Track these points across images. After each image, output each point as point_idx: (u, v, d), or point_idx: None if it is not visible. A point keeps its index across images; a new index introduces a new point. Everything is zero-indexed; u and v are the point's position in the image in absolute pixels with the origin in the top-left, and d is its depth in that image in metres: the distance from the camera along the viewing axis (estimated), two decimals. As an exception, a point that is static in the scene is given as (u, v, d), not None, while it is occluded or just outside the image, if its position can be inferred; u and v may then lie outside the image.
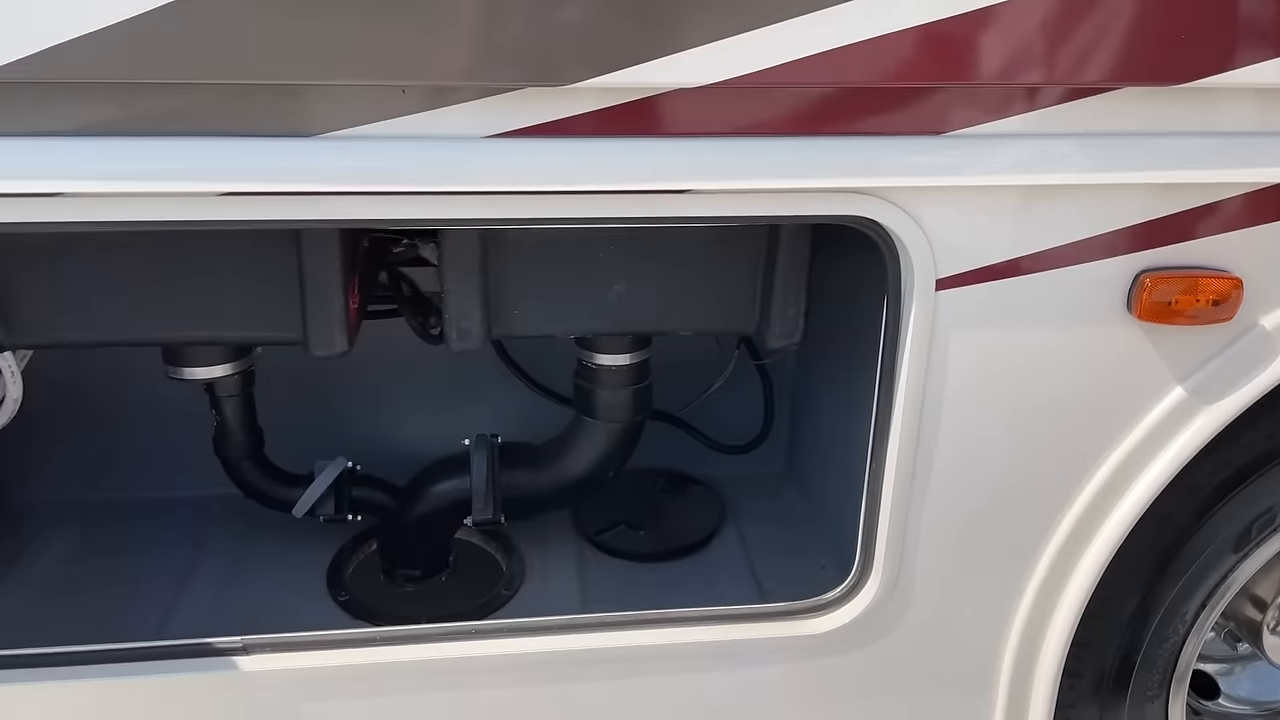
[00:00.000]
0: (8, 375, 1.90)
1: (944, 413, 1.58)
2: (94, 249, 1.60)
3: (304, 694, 1.68)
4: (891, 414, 1.59)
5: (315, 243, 1.58)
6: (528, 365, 2.35)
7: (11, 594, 2.08)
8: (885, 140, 1.43)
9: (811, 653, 1.75)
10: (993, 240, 1.48)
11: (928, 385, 1.55)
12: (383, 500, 2.10)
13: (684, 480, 2.50)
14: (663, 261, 1.71)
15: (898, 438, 1.59)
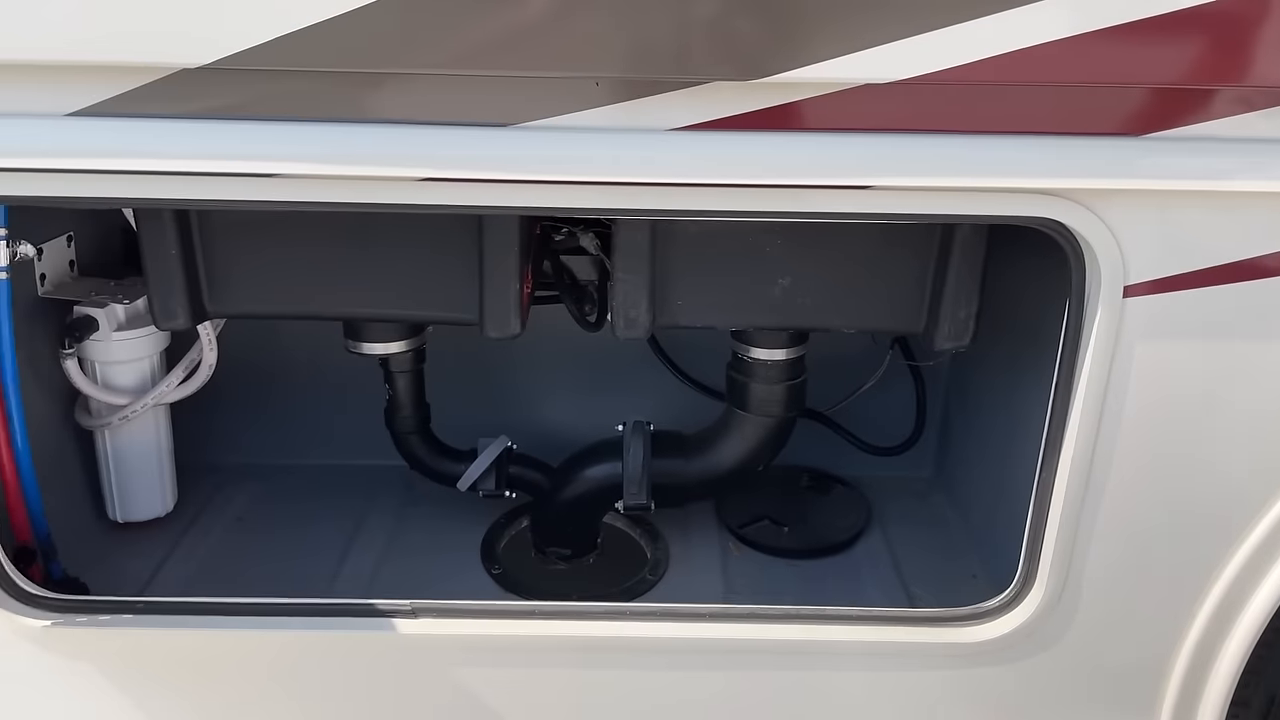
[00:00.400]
0: (206, 342, 2.05)
1: (1123, 422, 1.52)
2: (295, 228, 1.71)
3: (464, 660, 1.76)
4: (1067, 421, 1.54)
5: (496, 229, 1.65)
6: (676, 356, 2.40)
7: (195, 547, 2.23)
8: (1077, 140, 1.39)
9: (967, 661, 1.72)
10: (1187, 248, 1.43)
11: (1108, 394, 1.50)
12: (537, 480, 2.16)
13: (828, 479, 2.49)
14: (830, 257, 1.71)
15: (1072, 446, 1.54)
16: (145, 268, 1.71)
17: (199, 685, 1.77)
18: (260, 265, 1.74)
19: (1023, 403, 1.98)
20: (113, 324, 2.03)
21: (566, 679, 1.76)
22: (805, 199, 1.40)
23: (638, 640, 1.70)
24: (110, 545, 2.21)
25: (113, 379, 2.09)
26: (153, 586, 2.10)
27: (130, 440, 2.16)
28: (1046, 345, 1.82)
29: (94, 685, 1.75)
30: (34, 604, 1.72)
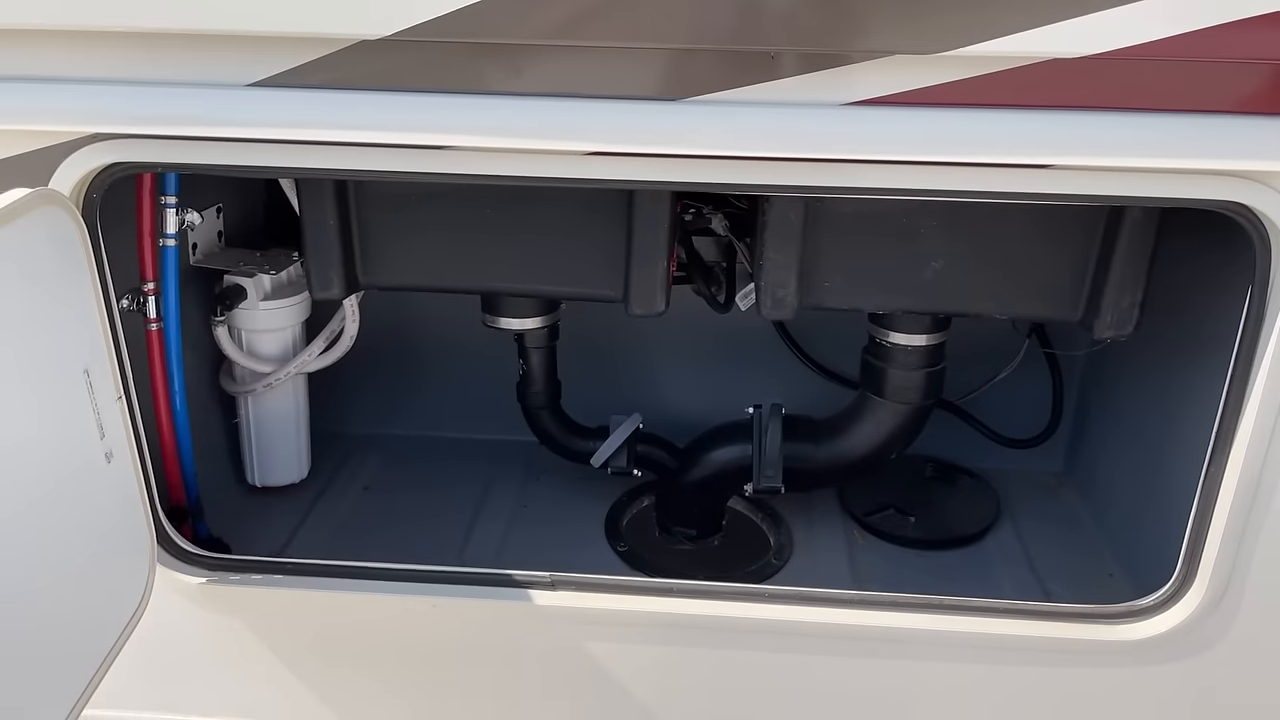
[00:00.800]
0: (349, 312, 2.09)
1: (1305, 418, 1.45)
2: (446, 202, 1.73)
3: (599, 634, 1.77)
4: (1241, 415, 1.48)
5: (648, 205, 1.65)
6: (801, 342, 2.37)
7: (328, 513, 2.30)
8: (1267, 121, 1.32)
9: (1120, 660, 1.67)
10: (1383, 234, 1.35)
11: (1291, 387, 1.43)
12: (664, 459, 2.17)
13: (953, 470, 2.44)
14: (988, 241, 1.66)
15: (1246, 441, 1.48)
16: (304, 238, 1.75)
17: (340, 645, 1.82)
18: (412, 239, 1.77)
19: (1179, 399, 1.91)
20: (260, 294, 2.09)
21: (700, 658, 1.76)
22: (982, 178, 1.36)
23: (779, 624, 1.68)
24: (248, 508, 2.28)
25: (257, 347, 2.16)
26: (290, 549, 2.17)
27: (271, 407, 2.22)
28: (1210, 338, 1.76)
29: (241, 640, 1.81)
30: (191, 562, 1.78)
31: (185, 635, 1.81)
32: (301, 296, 2.15)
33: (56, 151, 1.45)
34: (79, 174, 1.47)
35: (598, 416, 2.23)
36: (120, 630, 1.64)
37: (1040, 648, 1.68)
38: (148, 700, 1.86)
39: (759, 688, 1.77)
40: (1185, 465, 1.88)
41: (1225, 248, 1.68)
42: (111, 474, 1.63)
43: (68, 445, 1.52)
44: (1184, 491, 1.89)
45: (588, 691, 1.80)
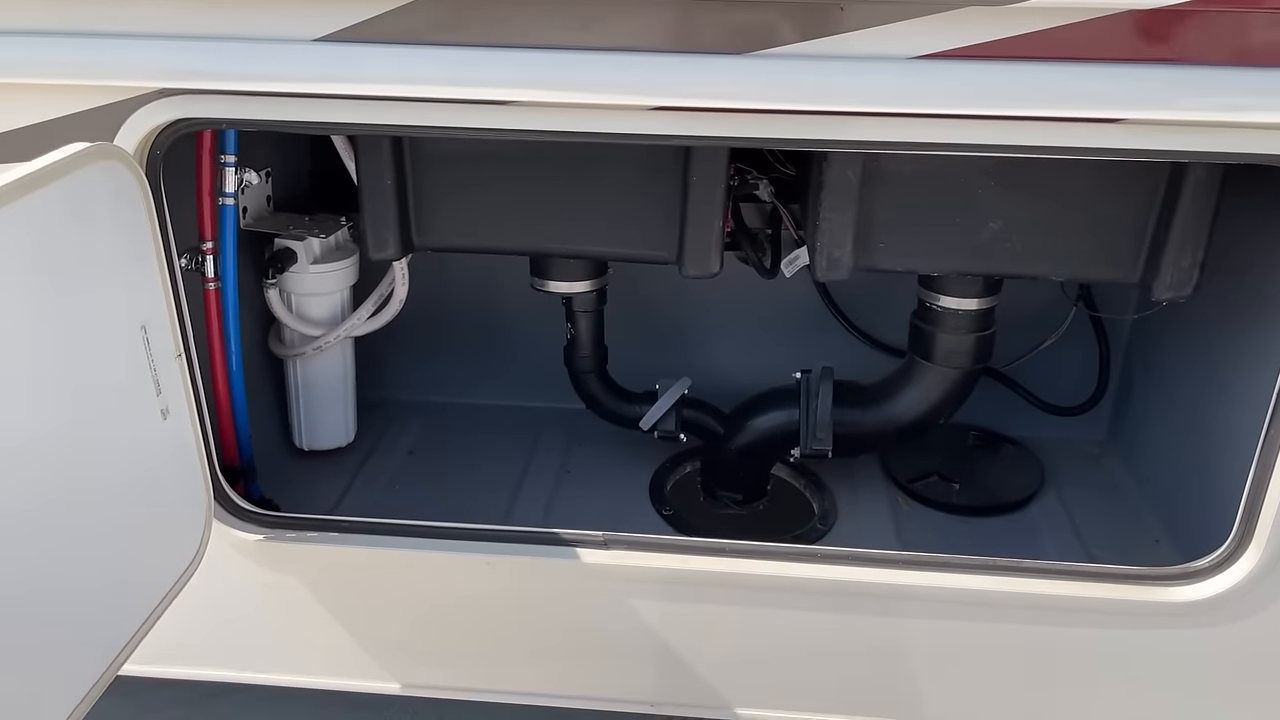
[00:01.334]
0: (400, 276, 2.10)
1: (1369, 378, 1.44)
2: (501, 162, 1.74)
3: (653, 593, 1.78)
4: (1306, 375, 1.47)
5: (705, 163, 1.64)
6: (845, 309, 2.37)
7: (374, 477, 2.32)
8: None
9: (1172, 621, 1.67)
10: None
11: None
12: (710, 424, 2.17)
13: (996, 438, 2.44)
14: (1047, 200, 1.65)
15: (1310, 401, 1.47)
16: (362, 199, 1.76)
17: (394, 602, 1.84)
18: (467, 199, 1.78)
19: (1230, 364, 1.90)
20: (309, 257, 2.10)
21: (751, 617, 1.77)
22: (1049, 133, 1.35)
23: (832, 584, 1.69)
24: (296, 470, 2.30)
25: (307, 310, 2.17)
26: (339, 511, 2.19)
27: (319, 371, 2.24)
28: (1265, 301, 1.75)
29: (297, 597, 1.84)
30: (248, 519, 1.80)
31: (242, 592, 1.84)
32: (350, 260, 2.16)
33: (123, 107, 1.46)
34: (144, 130, 1.48)
35: (640, 382, 2.24)
36: (172, 584, 1.66)
37: (1093, 609, 1.69)
38: (207, 656, 1.89)
39: (809, 648, 1.78)
40: (1235, 431, 1.89)
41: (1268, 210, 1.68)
42: (168, 430, 1.64)
43: (124, 399, 1.53)
44: (1233, 457, 1.90)
45: (639, 648, 1.82)
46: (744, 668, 1.82)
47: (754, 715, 1.86)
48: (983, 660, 1.75)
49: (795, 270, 2.15)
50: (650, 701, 1.89)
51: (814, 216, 1.67)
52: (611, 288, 2.12)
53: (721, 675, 1.83)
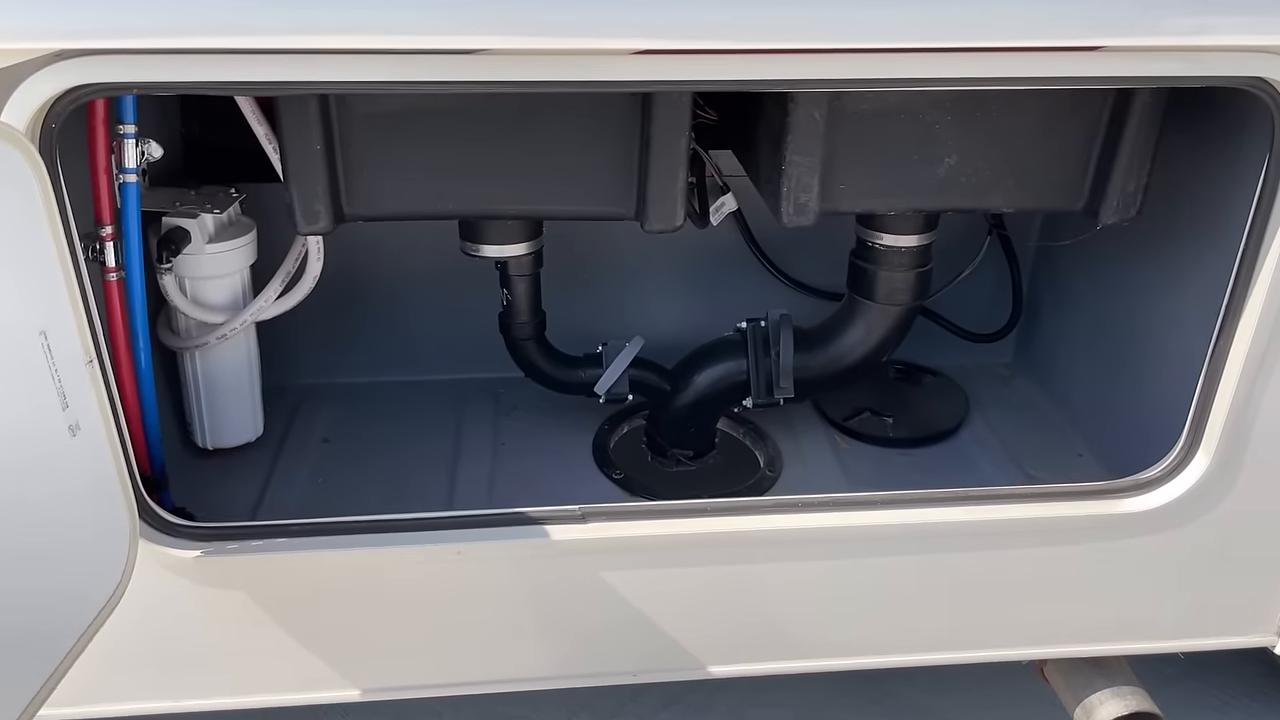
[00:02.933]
0: (314, 251, 1.92)
1: (1310, 288, 1.54)
2: (442, 118, 1.59)
3: (638, 562, 1.72)
4: (1251, 287, 1.55)
5: (668, 111, 1.56)
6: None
7: (293, 471, 2.13)
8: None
9: (1125, 531, 1.75)
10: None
11: (1299, 258, 1.52)
12: (656, 382, 2.11)
13: (916, 369, 2.50)
14: (999, 133, 1.67)
15: (1257, 311, 1.56)
16: (287, 165, 1.57)
17: (361, 606, 1.70)
18: (405, 161, 1.62)
19: (1143, 286, 2.01)
20: (204, 236, 1.89)
21: (737, 574, 1.75)
22: (1000, 63, 1.35)
23: (822, 531, 1.68)
24: (203, 473, 2.09)
25: (204, 295, 1.95)
26: (262, 513, 2.00)
27: (222, 361, 2.03)
28: (1192, 224, 1.84)
29: (245, 613, 1.67)
30: (181, 535, 1.61)
31: (184, 615, 1.65)
32: (249, 237, 1.96)
33: (10, 75, 1.23)
34: (37, 101, 1.25)
35: (565, 344, 2.15)
36: (93, 616, 1.47)
37: (1056, 527, 1.75)
38: (145, 689, 1.69)
39: (803, 595, 1.78)
40: (1156, 345, 2.01)
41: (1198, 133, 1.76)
42: (79, 447, 1.44)
43: (24, 420, 1.32)
44: (1153, 370, 2.02)
45: (620, 620, 1.76)
46: (731, 625, 1.79)
47: (740, 670, 1.84)
48: (956, 588, 1.80)
49: (722, 217, 2.12)
50: (633, 670, 1.84)
51: (778, 161, 1.62)
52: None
53: (707, 636, 1.80)
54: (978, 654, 1.88)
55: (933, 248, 1.96)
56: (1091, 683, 1.93)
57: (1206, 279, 1.79)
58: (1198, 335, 1.75)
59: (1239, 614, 1.85)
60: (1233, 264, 1.58)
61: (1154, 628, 1.87)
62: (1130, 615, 1.86)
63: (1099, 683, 1.92)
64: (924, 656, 1.87)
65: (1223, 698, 2.42)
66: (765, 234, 2.33)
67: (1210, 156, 1.77)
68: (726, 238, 2.33)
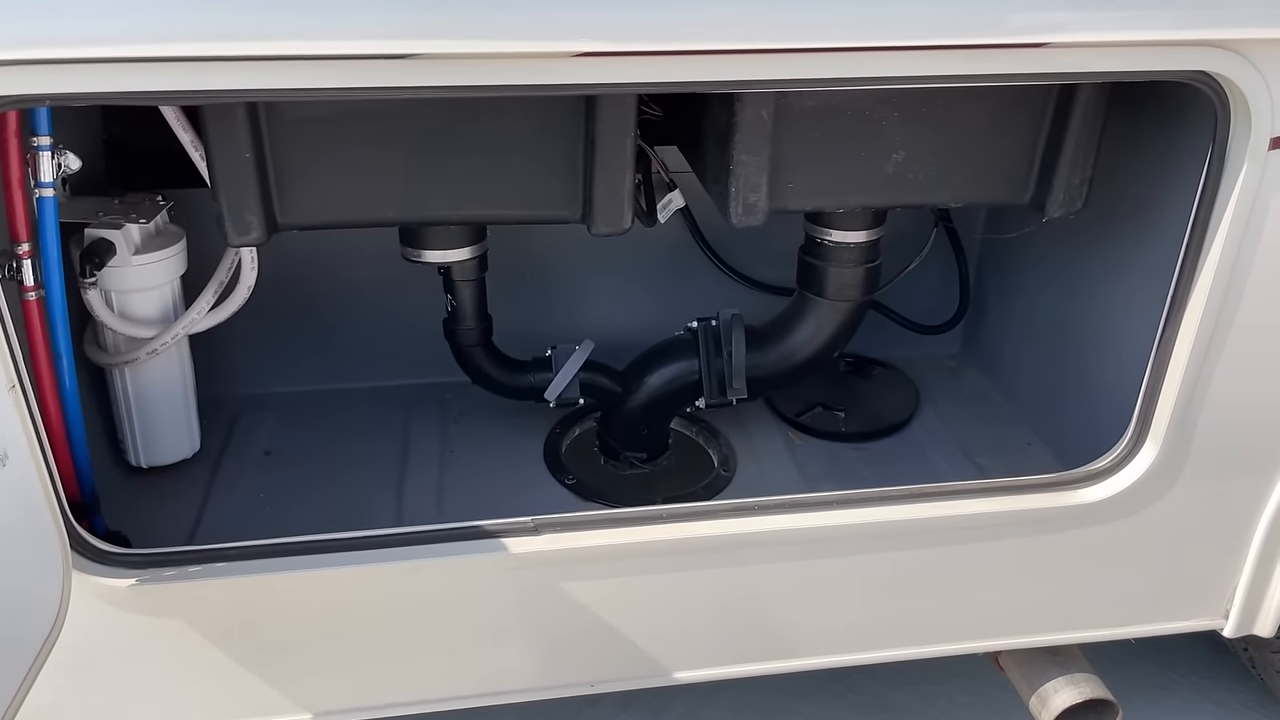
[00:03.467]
0: (247, 261, 1.84)
1: (1252, 276, 1.56)
2: (382, 122, 1.53)
3: (586, 572, 1.69)
4: (1195, 278, 1.57)
5: (612, 112, 1.52)
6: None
7: (231, 488, 2.06)
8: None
9: (1077, 522, 1.77)
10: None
11: (1242, 248, 1.53)
12: (607, 384, 2.08)
13: (866, 362, 2.50)
14: (945, 129, 1.66)
15: (1202, 303, 1.57)
16: (214, 175, 1.50)
17: (311, 630, 1.64)
18: (340, 168, 1.56)
19: (1087, 278, 2.02)
20: (130, 247, 1.80)
21: (698, 579, 1.72)
22: (946, 61, 1.34)
23: (781, 534, 1.67)
24: (137, 493, 2.01)
25: (133, 309, 1.87)
26: (200, 533, 1.93)
27: (154, 377, 1.94)
28: (1133, 214, 1.86)
29: (188, 642, 1.60)
30: (115, 563, 1.54)
31: (122, 647, 1.58)
32: (178, 247, 1.88)
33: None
34: (-60, 114, 1.18)
35: (511, 348, 2.10)
36: (32, 659, 1.40)
37: (1010, 521, 1.76)
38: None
39: (761, 598, 1.76)
40: (1101, 336, 2.02)
41: (1138, 124, 1.78)
42: (6, 478, 1.37)
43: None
44: (1098, 360, 2.04)
45: (576, 630, 1.73)
46: (688, 630, 1.77)
47: (699, 675, 1.82)
48: (913, 584, 1.80)
49: (669, 214, 2.09)
50: (590, 681, 1.81)
51: (726, 161, 1.60)
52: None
53: (665, 642, 1.77)
54: (935, 649, 1.88)
55: (881, 242, 1.95)
56: (1046, 671, 1.94)
57: (1148, 268, 1.80)
58: (1141, 324, 1.78)
59: (1189, 598, 1.88)
60: (1174, 253, 1.59)
61: (1107, 615, 1.89)
62: (1083, 604, 1.88)
63: (1053, 670, 1.94)
64: (882, 654, 1.86)
65: (1170, 676, 2.46)
66: (713, 230, 2.31)
67: (1149, 147, 1.78)
68: (674, 235, 2.30)
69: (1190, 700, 2.40)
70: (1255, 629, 1.90)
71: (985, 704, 2.36)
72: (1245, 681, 2.42)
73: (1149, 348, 1.69)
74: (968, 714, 2.34)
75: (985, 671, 2.15)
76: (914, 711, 2.35)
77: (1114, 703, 1.89)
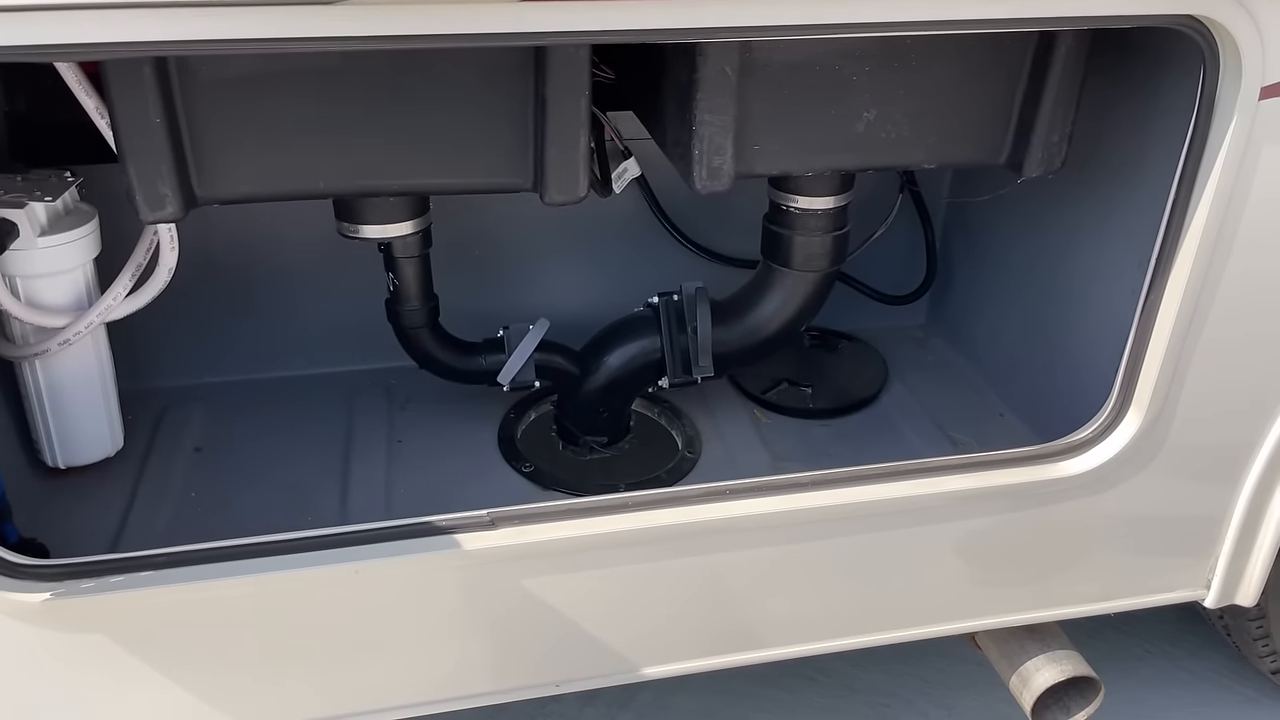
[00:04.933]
0: (166, 240, 1.69)
1: (1240, 235, 1.49)
2: (306, 83, 1.39)
3: (547, 567, 1.58)
4: (1181, 239, 1.49)
5: (565, 68, 1.39)
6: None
7: (160, 487, 1.91)
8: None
9: (1058, 496, 1.70)
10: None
11: (1231, 205, 1.46)
12: (563, 365, 1.96)
13: (831, 335, 2.41)
14: (919, 85, 1.56)
15: (1188, 265, 1.50)
16: (121, 144, 1.34)
17: (240, 639, 1.51)
18: (264, 134, 1.41)
19: (1062, 243, 1.95)
20: (36, 228, 1.64)
21: (664, 569, 1.62)
22: (919, 6, 1.25)
23: (749, 519, 1.57)
24: (54, 495, 1.86)
25: (40, 296, 1.70)
26: (126, 538, 1.78)
27: (68, 369, 1.78)
28: (1111, 173, 1.78)
29: (111, 660, 1.46)
30: (24, 575, 1.40)
31: (40, 667, 1.43)
32: (90, 227, 1.72)
33: None
34: None
35: (458, 328, 1.97)
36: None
37: (989, 497, 1.68)
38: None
39: (731, 586, 1.67)
40: (1069, 303, 1.95)
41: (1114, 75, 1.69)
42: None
43: None
44: (1068, 325, 1.97)
45: (538, 629, 1.62)
46: (656, 623, 1.67)
47: (667, 671, 1.72)
48: (888, 566, 1.72)
49: (624, 184, 1.97)
50: (555, 681, 1.70)
51: (688, 122, 1.48)
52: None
53: (632, 637, 1.67)
54: (911, 632, 1.81)
55: (849, 208, 1.85)
56: (1026, 649, 1.88)
57: (1128, 229, 1.73)
58: (1120, 288, 1.71)
59: (1171, 571, 1.83)
60: (1157, 212, 1.51)
61: (1087, 590, 1.83)
62: (1064, 579, 1.81)
63: (1033, 649, 1.88)
64: (856, 640, 1.78)
65: (1144, 646, 2.44)
66: (671, 200, 2.19)
67: (1127, 99, 1.70)
68: (630, 206, 2.18)
69: (1162, 670, 2.38)
70: (1237, 599, 1.85)
71: (959, 682, 2.31)
72: (1216, 649, 2.40)
73: (1129, 313, 1.62)
74: (941, 693, 2.29)
75: (958, 648, 2.08)
76: (885, 691, 2.29)
77: (1096, 679, 1.83)
